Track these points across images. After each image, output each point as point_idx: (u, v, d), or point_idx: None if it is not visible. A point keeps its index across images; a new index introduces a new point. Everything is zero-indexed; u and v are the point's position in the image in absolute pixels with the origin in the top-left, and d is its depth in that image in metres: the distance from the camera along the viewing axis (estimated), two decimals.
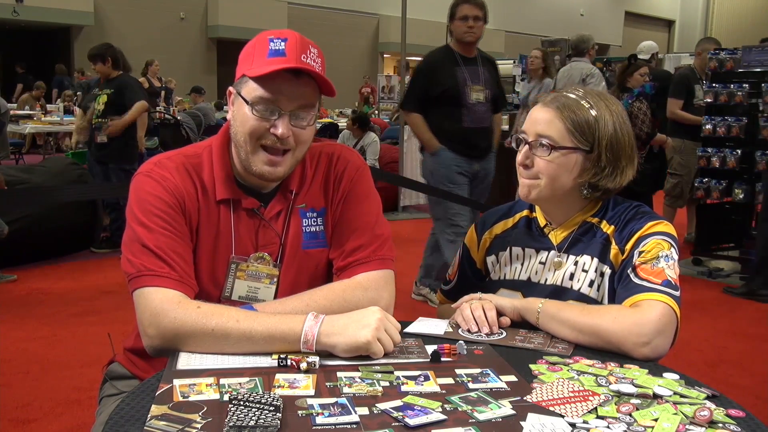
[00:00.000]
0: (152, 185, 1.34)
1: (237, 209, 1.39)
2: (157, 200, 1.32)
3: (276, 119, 1.31)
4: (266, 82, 1.29)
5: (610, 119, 1.42)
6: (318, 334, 1.20)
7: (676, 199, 5.85)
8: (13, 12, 15.23)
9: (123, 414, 1.01)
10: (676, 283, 1.34)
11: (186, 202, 1.35)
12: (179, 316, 1.22)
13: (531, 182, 1.44)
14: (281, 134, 1.30)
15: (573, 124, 1.40)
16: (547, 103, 1.44)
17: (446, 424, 0.98)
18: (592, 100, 1.43)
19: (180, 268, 1.29)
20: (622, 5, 28.06)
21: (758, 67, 5.13)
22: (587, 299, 1.41)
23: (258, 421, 0.94)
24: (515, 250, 1.54)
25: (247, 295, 1.39)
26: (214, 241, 1.38)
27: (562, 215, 1.49)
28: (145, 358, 1.45)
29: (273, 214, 1.41)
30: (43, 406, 2.84)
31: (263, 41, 1.32)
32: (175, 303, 1.24)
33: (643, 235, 1.39)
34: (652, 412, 1.02)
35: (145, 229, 1.30)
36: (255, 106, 1.31)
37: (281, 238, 1.41)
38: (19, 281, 4.66)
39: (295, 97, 1.31)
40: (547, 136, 1.41)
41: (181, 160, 1.39)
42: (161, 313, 1.23)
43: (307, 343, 1.20)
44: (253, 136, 1.32)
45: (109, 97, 5.35)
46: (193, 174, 1.38)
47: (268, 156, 1.33)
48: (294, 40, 1.31)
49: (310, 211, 1.43)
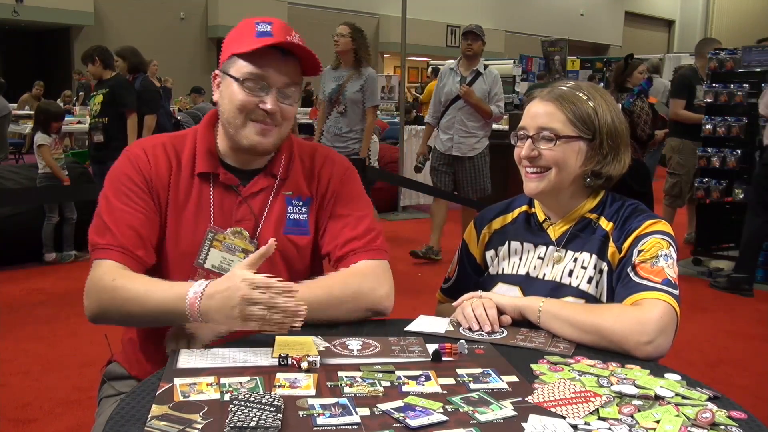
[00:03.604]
0: (123, 163, 1.44)
1: (216, 183, 1.45)
2: (124, 176, 1.42)
3: (265, 95, 1.38)
4: (256, 58, 1.37)
5: (607, 108, 1.45)
6: (199, 309, 1.21)
7: (675, 198, 5.85)
8: (13, 12, 15.23)
9: (123, 414, 1.00)
10: (676, 282, 1.34)
11: (153, 180, 1.42)
12: (99, 290, 1.32)
13: (538, 175, 1.45)
14: (270, 109, 1.38)
15: (574, 114, 1.43)
16: (544, 97, 1.46)
17: (447, 425, 0.98)
18: (588, 91, 1.47)
19: (125, 240, 1.36)
20: (622, 5, 28.07)
21: (758, 67, 5.14)
22: (586, 295, 1.42)
23: (259, 421, 0.94)
24: (514, 244, 1.55)
25: (221, 266, 1.42)
26: (195, 213, 1.43)
27: (562, 209, 1.50)
28: (140, 354, 1.48)
29: (251, 192, 1.46)
30: (43, 406, 2.83)
31: (250, 24, 1.40)
32: (99, 277, 1.32)
33: (642, 234, 1.40)
34: (654, 413, 1.02)
35: (105, 202, 1.41)
36: (245, 82, 1.38)
37: (256, 216, 1.45)
38: (19, 281, 4.66)
39: (283, 74, 1.39)
40: (549, 128, 1.43)
41: (163, 140, 1.48)
42: (89, 287, 1.34)
43: (192, 314, 1.22)
44: (243, 111, 1.39)
45: (105, 97, 5.35)
46: (171, 152, 1.45)
47: (259, 126, 1.40)
48: (279, 23, 1.39)
49: (296, 200, 1.49)
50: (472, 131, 5.22)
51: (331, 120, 5.10)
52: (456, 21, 22.50)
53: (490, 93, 5.20)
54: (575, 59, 12.80)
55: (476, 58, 5.24)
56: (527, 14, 24.30)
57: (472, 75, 5.22)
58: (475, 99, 5.12)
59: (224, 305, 1.18)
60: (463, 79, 5.23)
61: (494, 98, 5.21)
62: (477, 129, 5.23)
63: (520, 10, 24.09)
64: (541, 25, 22.81)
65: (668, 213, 5.80)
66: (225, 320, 1.19)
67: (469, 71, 5.24)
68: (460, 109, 5.21)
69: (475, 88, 5.16)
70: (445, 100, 5.29)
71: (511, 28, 23.75)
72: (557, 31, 17.42)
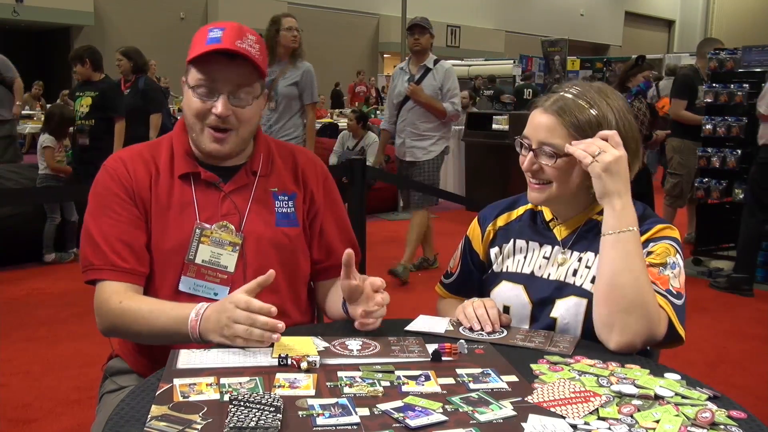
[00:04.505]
0: (104, 177, 1.48)
1: (198, 182, 1.49)
2: (106, 190, 1.46)
3: (215, 100, 1.42)
4: (202, 65, 1.42)
5: (612, 116, 1.40)
6: (199, 329, 1.29)
7: (676, 198, 5.85)
8: (13, 12, 15.25)
9: (123, 414, 1.00)
10: (678, 291, 1.34)
11: (135, 189, 1.46)
12: (108, 312, 1.40)
13: (541, 187, 1.44)
14: (220, 113, 1.41)
15: (575, 128, 1.38)
16: (546, 108, 1.42)
17: (447, 425, 0.98)
18: (591, 97, 1.41)
19: (117, 257, 1.41)
20: (622, 5, 28.09)
21: (758, 67, 5.14)
22: (589, 295, 1.41)
23: (258, 422, 0.94)
24: (519, 242, 1.54)
25: (210, 260, 1.46)
26: (180, 212, 1.46)
27: (569, 213, 1.49)
28: (144, 347, 1.50)
29: (234, 188, 1.51)
30: (43, 406, 2.84)
31: (203, 31, 1.44)
32: (106, 299, 1.40)
33: (652, 238, 1.39)
34: (654, 413, 1.02)
35: (92, 218, 1.45)
36: (196, 89, 1.43)
37: (240, 211, 1.49)
38: (19, 281, 4.66)
39: (230, 78, 1.41)
40: (550, 144, 1.39)
41: (139, 149, 1.53)
42: (99, 308, 1.42)
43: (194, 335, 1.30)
44: (198, 117, 1.44)
45: (94, 100, 5.20)
46: (149, 159, 1.49)
47: (213, 134, 1.44)
48: (231, 28, 1.42)
49: (282, 195, 1.55)
50: (424, 133, 4.80)
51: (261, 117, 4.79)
52: (456, 21, 22.53)
53: (442, 89, 4.74)
54: (575, 59, 12.82)
55: (425, 53, 4.81)
56: (527, 14, 24.31)
57: (421, 71, 4.79)
58: (424, 97, 4.71)
59: (217, 326, 1.26)
60: (411, 78, 4.81)
61: (447, 95, 4.75)
62: (431, 131, 4.80)
63: (520, 10, 24.10)
64: (541, 25, 22.83)
65: (669, 213, 5.79)
66: (220, 339, 1.26)
67: (417, 68, 4.82)
68: (410, 111, 4.80)
69: (425, 85, 4.74)
70: (396, 102, 4.90)
71: (511, 28, 23.77)
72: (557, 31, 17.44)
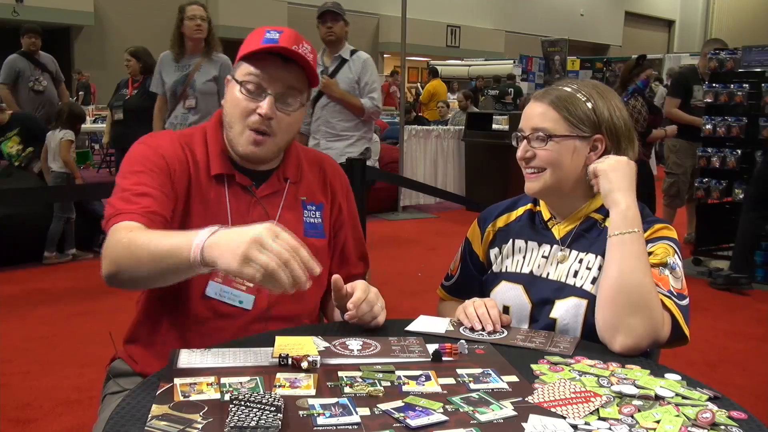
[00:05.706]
0: (142, 149, 1.43)
1: (231, 184, 1.46)
2: (143, 158, 1.40)
3: (261, 100, 1.39)
4: (256, 62, 1.40)
5: (605, 106, 1.44)
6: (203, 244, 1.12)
7: (673, 198, 5.85)
8: (13, 12, 15.24)
9: (123, 414, 1.00)
10: (679, 293, 1.35)
11: (177, 168, 1.41)
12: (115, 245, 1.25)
13: (535, 175, 1.45)
14: (265, 113, 1.38)
15: (568, 113, 1.42)
16: (539, 98, 1.47)
17: (447, 425, 0.98)
18: (587, 92, 1.46)
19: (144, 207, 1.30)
20: (622, 5, 28.07)
21: (758, 67, 5.13)
22: (589, 296, 1.41)
23: (259, 421, 0.94)
24: (518, 242, 1.54)
25: None
26: (214, 214, 1.42)
27: (567, 209, 1.50)
28: (145, 350, 1.49)
29: (265, 194, 1.48)
30: (43, 406, 2.83)
31: (261, 32, 1.42)
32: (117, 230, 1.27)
33: (651, 238, 1.39)
34: (654, 413, 1.02)
35: (123, 178, 1.38)
36: (245, 84, 1.40)
37: (270, 218, 1.46)
38: (19, 281, 4.66)
39: (280, 79, 1.40)
40: (541, 128, 1.43)
41: (174, 135, 1.48)
42: (106, 247, 1.28)
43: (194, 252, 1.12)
44: (242, 115, 1.41)
45: None
46: (186, 148, 1.45)
47: (252, 135, 1.41)
48: (289, 32, 1.40)
49: (310, 205, 1.53)
50: (341, 133, 4.27)
51: (177, 117, 4.30)
52: (456, 21, 22.51)
53: (359, 83, 4.21)
54: (575, 59, 12.83)
55: (340, 43, 4.26)
56: (527, 14, 24.29)
57: (336, 63, 4.26)
58: (338, 92, 4.17)
59: (231, 239, 1.08)
60: (325, 71, 4.23)
61: (366, 89, 4.22)
62: (349, 130, 4.27)
63: (520, 10, 24.08)
64: (541, 25, 22.82)
65: (667, 213, 5.80)
66: (226, 256, 1.07)
67: (332, 59, 4.29)
68: (324, 108, 4.25)
69: (341, 78, 4.21)
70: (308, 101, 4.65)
71: (511, 28, 23.74)
72: (557, 31, 17.44)
